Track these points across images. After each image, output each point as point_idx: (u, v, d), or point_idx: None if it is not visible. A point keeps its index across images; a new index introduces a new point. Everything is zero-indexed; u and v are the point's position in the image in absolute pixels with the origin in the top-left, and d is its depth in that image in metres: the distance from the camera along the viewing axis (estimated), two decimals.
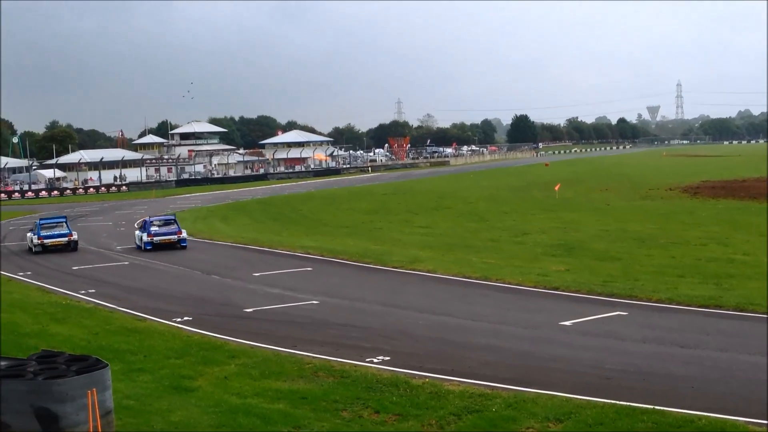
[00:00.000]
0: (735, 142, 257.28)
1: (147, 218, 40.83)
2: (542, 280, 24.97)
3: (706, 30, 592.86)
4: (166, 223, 39.57)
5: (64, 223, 39.86)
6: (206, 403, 13.92)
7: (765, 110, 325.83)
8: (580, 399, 13.41)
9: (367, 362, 16.36)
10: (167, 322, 21.10)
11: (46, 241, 37.76)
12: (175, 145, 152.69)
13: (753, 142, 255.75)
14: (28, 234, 39.92)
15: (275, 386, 14.84)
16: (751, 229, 36.06)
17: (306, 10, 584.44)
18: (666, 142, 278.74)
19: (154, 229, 38.20)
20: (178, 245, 37.55)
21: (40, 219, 40.44)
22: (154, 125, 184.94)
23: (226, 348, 17.90)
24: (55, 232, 38.46)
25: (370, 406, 13.56)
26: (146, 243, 37.44)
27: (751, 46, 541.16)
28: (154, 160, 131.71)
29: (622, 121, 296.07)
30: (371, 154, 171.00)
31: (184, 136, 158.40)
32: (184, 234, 38.41)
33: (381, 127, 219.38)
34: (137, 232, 39.71)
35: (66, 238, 38.18)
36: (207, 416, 13.17)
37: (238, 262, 32.77)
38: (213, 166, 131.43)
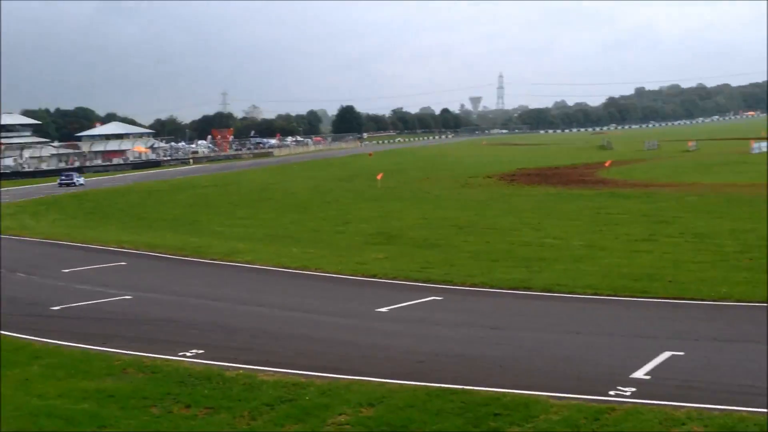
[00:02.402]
0: (551, 132, 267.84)
1: None
2: (361, 269, 25.08)
3: (532, 28, 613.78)
4: None
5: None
6: (5, 408, 13.14)
7: (579, 101, 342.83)
8: (393, 383, 13.47)
9: (180, 356, 15.91)
10: None
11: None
12: None
13: (567, 131, 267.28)
14: None
15: (81, 386, 14.19)
16: (562, 214, 37.57)
17: (128, 5, 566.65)
18: (486, 131, 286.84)
19: None
20: None
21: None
22: None
23: (30, 349, 17.00)
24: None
25: (180, 400, 13.18)
26: None
27: (570, 44, 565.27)
28: None
29: (445, 111, 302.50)
30: (194, 146, 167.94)
31: None
32: None
33: (205, 118, 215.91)
34: None
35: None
36: (5, 422, 12.44)
37: (47, 259, 31.30)
38: (24, 159, 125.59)
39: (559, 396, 12.42)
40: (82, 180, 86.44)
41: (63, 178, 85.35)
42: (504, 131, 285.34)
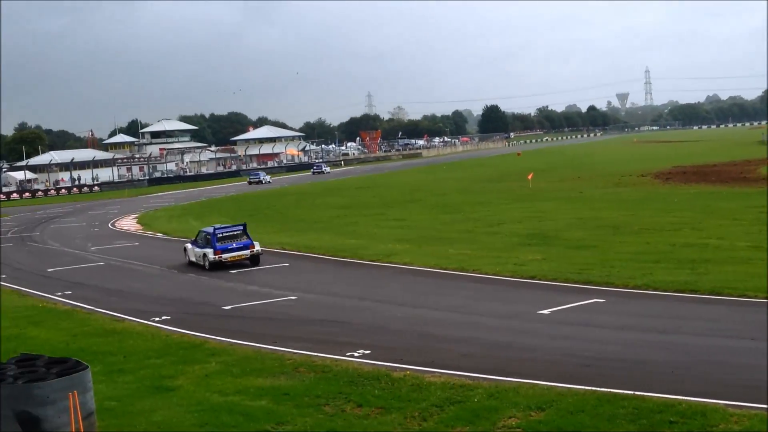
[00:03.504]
0: (704, 127, 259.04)
1: None
2: (519, 270, 25.04)
3: (675, 18, 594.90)
4: None
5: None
6: (188, 401, 13.89)
7: (733, 95, 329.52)
8: (561, 387, 13.46)
9: (348, 357, 16.38)
10: (146, 322, 21.01)
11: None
12: (146, 144, 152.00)
13: (722, 126, 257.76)
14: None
15: (257, 383, 14.83)
16: (724, 213, 36.29)
17: (274, 8, 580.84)
18: (636, 128, 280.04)
19: None
20: None
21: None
22: (124, 124, 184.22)
23: (206, 346, 17.86)
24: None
25: (352, 400, 13.58)
26: None
27: (719, 33, 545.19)
28: (125, 160, 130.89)
29: (592, 108, 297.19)
30: (343, 148, 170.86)
31: (155, 135, 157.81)
32: None
33: (352, 120, 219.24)
34: None
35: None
36: (189, 415, 13.14)
37: None
38: (185, 164, 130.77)
39: (737, 405, 12.11)
40: (269, 178, 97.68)
41: (252, 177, 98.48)
42: (654, 128, 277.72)
